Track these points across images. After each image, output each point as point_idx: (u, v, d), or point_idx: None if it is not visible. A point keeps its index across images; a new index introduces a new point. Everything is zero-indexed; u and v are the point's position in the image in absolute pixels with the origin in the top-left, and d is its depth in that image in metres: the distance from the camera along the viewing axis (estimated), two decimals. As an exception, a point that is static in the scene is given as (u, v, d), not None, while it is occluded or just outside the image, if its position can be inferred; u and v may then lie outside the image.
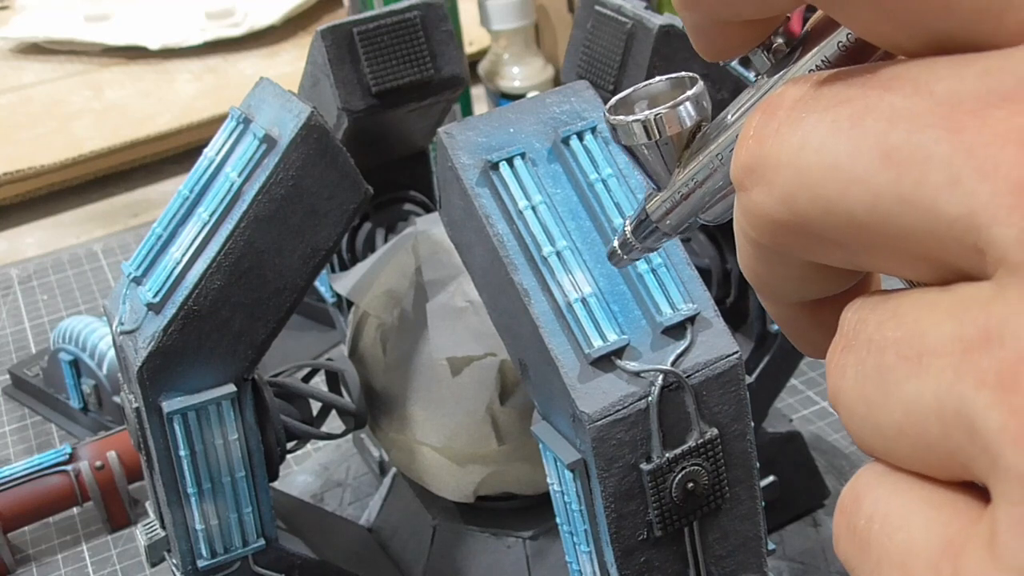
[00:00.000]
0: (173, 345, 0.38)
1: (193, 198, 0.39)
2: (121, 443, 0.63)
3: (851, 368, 0.16)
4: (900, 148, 0.14)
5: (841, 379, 0.16)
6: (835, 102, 0.16)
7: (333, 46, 0.48)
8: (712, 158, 0.20)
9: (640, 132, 0.21)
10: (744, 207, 0.17)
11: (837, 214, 0.15)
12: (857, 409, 0.16)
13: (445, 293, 0.46)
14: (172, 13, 1.38)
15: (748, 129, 0.17)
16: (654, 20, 0.44)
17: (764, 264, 0.18)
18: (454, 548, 0.50)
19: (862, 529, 0.16)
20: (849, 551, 0.16)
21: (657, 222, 0.23)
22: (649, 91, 0.22)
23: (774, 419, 0.55)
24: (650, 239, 0.24)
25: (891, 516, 0.16)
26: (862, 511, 0.16)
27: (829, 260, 0.17)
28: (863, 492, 0.16)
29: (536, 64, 1.02)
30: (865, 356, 0.16)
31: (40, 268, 0.94)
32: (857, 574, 0.16)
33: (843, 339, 0.17)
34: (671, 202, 0.22)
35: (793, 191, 0.16)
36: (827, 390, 0.17)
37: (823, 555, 0.54)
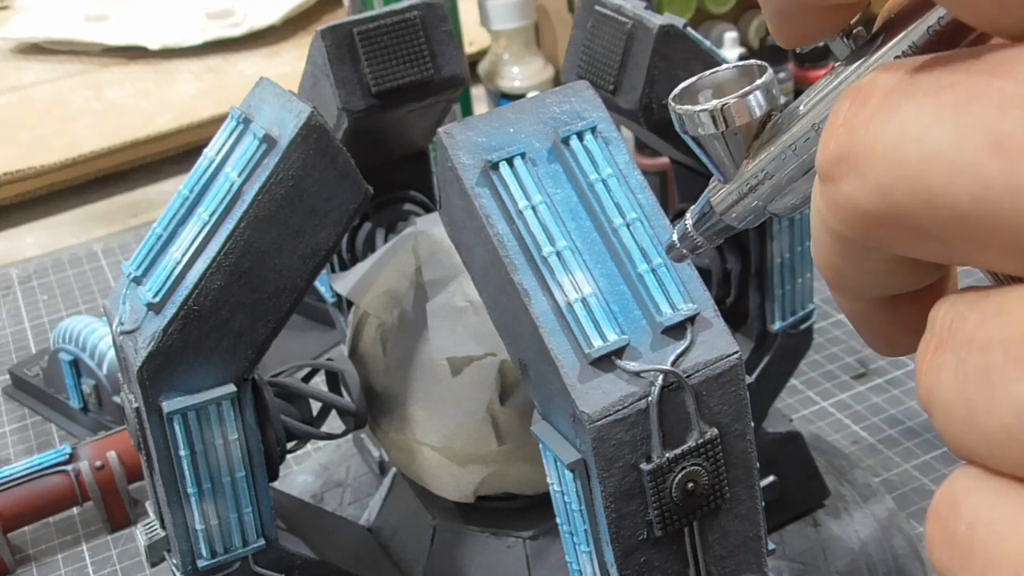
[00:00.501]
0: (173, 345, 0.38)
1: (193, 198, 0.39)
2: (121, 443, 0.63)
3: (949, 369, 0.15)
4: (1013, 136, 0.14)
5: (937, 380, 0.15)
6: (936, 88, 0.15)
7: (333, 46, 0.48)
8: (784, 148, 0.20)
9: (708, 122, 0.20)
10: (831, 199, 0.16)
11: (939, 206, 0.14)
12: (957, 411, 0.15)
13: (445, 293, 0.46)
14: (172, 13, 1.38)
15: (837, 117, 0.16)
16: (654, 20, 0.44)
17: (846, 258, 0.17)
18: (454, 548, 0.50)
19: (963, 536, 0.15)
20: (947, 559, 0.15)
21: (722, 214, 0.22)
22: (715, 79, 0.21)
23: (774, 419, 0.55)
24: (712, 232, 0.23)
25: (997, 523, 0.15)
26: (962, 517, 0.15)
27: (922, 254, 0.16)
28: (961, 497, 0.15)
29: (536, 64, 1.02)
30: (966, 356, 0.15)
31: (40, 268, 0.94)
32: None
33: (935, 338, 0.16)
34: (738, 194, 0.21)
35: (890, 182, 0.15)
36: (917, 391, 0.16)
37: (823, 555, 0.54)
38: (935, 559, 0.16)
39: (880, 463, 0.62)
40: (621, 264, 0.33)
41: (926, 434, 0.63)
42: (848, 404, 0.67)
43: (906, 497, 0.59)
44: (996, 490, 0.15)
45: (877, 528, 0.56)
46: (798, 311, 0.51)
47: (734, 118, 0.20)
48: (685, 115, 0.20)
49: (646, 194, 0.35)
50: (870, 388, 0.68)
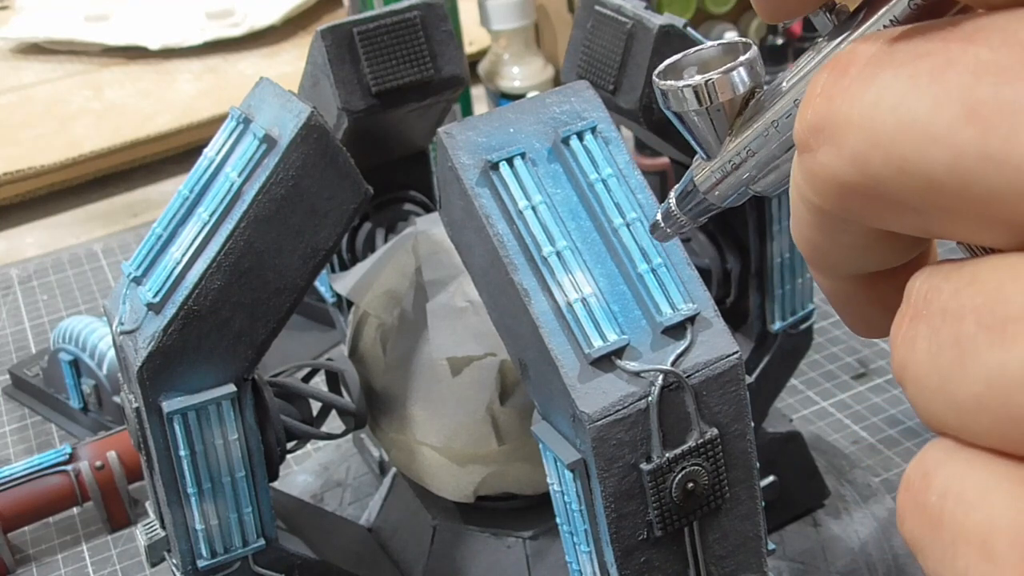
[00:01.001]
0: (173, 345, 0.38)
1: (193, 198, 0.39)
2: (121, 443, 0.63)
3: (922, 339, 0.15)
4: (987, 103, 0.13)
5: (910, 351, 0.15)
6: (912, 56, 0.15)
7: (333, 46, 0.48)
8: (767, 125, 0.20)
9: (691, 98, 0.20)
10: (808, 169, 0.16)
11: (913, 175, 0.14)
12: (929, 381, 0.15)
13: (445, 293, 0.46)
14: (172, 13, 1.38)
15: (815, 87, 0.16)
16: (654, 20, 0.44)
17: (824, 233, 0.17)
18: (454, 548, 0.50)
19: (933, 506, 0.15)
20: (917, 530, 0.15)
21: (705, 193, 0.22)
22: (700, 56, 0.21)
23: (774, 419, 0.55)
24: (696, 210, 0.23)
25: (967, 493, 0.15)
26: (932, 488, 0.15)
27: (899, 226, 0.16)
28: (932, 468, 0.15)
29: (536, 64, 1.02)
30: (940, 326, 0.15)
31: (40, 268, 0.94)
32: (927, 554, 0.15)
33: (911, 309, 0.16)
34: (721, 172, 0.21)
35: (865, 151, 0.15)
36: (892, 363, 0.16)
37: (823, 555, 0.54)
38: (905, 530, 0.16)
39: (880, 463, 0.62)
40: (621, 264, 0.33)
41: (926, 434, 0.63)
42: (848, 404, 0.67)
43: (906, 497, 0.59)
44: (967, 461, 0.15)
45: (877, 528, 0.56)
46: (798, 311, 0.52)
47: (717, 94, 0.20)
48: (669, 91, 0.20)
49: (646, 194, 0.35)
50: (870, 388, 0.68)
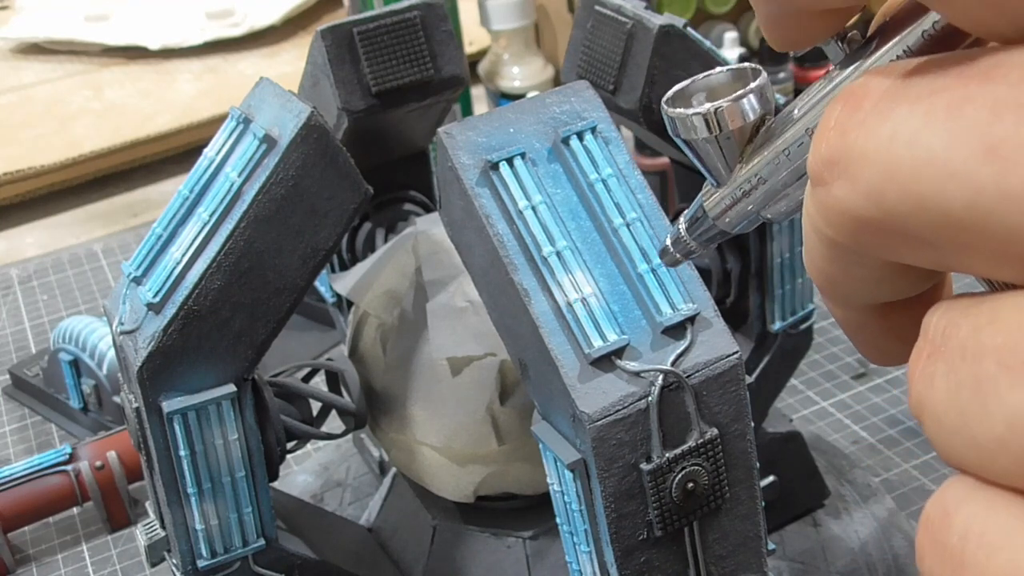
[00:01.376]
0: (173, 345, 0.38)
1: (193, 198, 0.39)
2: (121, 443, 0.63)
3: (941, 377, 0.15)
4: (1006, 141, 0.13)
5: (928, 388, 0.15)
6: (929, 91, 0.14)
7: (333, 46, 0.48)
8: (778, 153, 0.19)
9: (701, 126, 0.20)
10: (821, 203, 0.16)
11: (931, 211, 0.14)
12: (948, 420, 0.15)
13: (445, 293, 0.46)
14: (172, 13, 1.38)
15: (829, 120, 0.16)
16: (654, 20, 0.44)
17: (837, 265, 0.17)
18: (454, 548, 0.50)
19: (954, 547, 0.15)
20: (937, 571, 0.15)
21: (715, 219, 0.22)
22: (708, 83, 0.21)
23: (774, 419, 0.55)
24: (706, 237, 0.23)
25: (989, 534, 0.14)
26: (953, 528, 0.15)
27: (914, 260, 0.16)
28: (953, 507, 0.15)
29: (536, 64, 1.02)
30: (959, 364, 0.15)
31: (40, 268, 0.94)
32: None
33: (929, 345, 0.15)
34: (731, 199, 0.21)
35: (881, 186, 0.15)
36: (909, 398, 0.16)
37: (823, 555, 0.54)
38: (925, 569, 0.16)
39: (880, 463, 0.62)
40: (621, 264, 0.33)
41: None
42: (848, 404, 0.67)
43: (906, 497, 0.59)
44: (989, 500, 0.15)
45: (877, 528, 0.56)
46: (798, 311, 0.52)
47: (727, 122, 0.20)
48: (678, 119, 0.20)
49: (646, 194, 0.35)
50: (870, 388, 0.68)
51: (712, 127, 0.20)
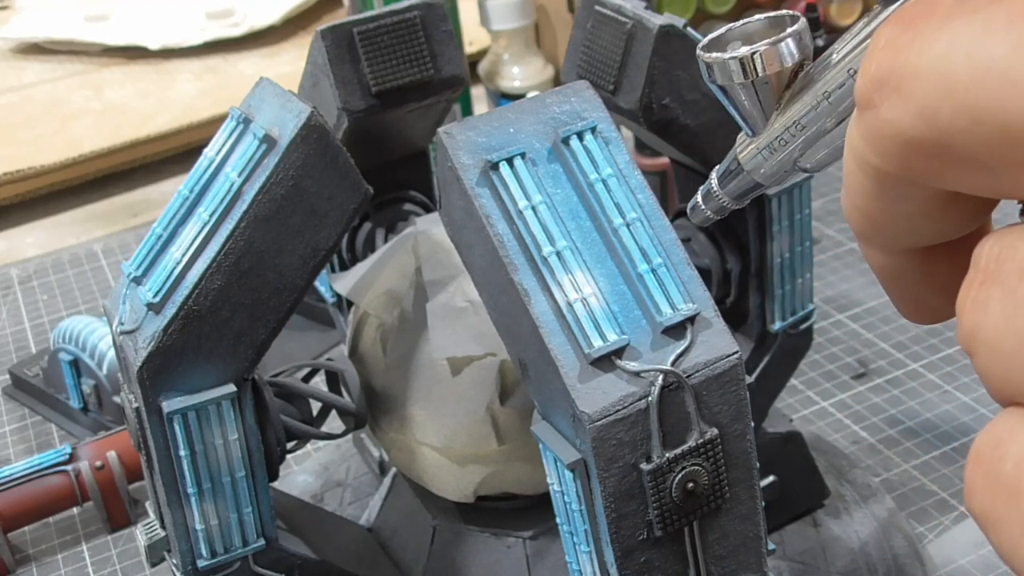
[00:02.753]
0: (173, 345, 0.38)
1: (193, 198, 0.39)
2: (121, 443, 0.63)
3: (996, 302, 0.14)
4: None
5: (983, 315, 0.15)
6: (987, 2, 0.14)
7: (333, 46, 0.48)
8: (818, 97, 0.19)
9: (737, 70, 0.19)
10: (870, 127, 0.15)
11: (988, 125, 0.14)
12: (1005, 344, 0.14)
13: (445, 293, 0.46)
14: (172, 13, 1.37)
15: (878, 41, 0.15)
16: (654, 20, 0.44)
17: (882, 200, 0.17)
18: (454, 548, 0.50)
19: (1009, 475, 0.14)
20: (989, 503, 0.15)
21: (751, 171, 0.21)
22: (745, 30, 0.20)
23: (774, 419, 0.55)
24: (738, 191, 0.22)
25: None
26: (1007, 457, 0.14)
27: (966, 185, 0.15)
28: (1007, 438, 0.15)
29: (536, 64, 1.02)
30: (1016, 285, 0.14)
31: (40, 268, 0.94)
32: (1002, 527, 0.15)
33: (980, 274, 0.15)
34: (769, 149, 0.20)
35: (935, 102, 0.14)
36: (959, 332, 0.15)
37: (823, 555, 0.54)
38: (975, 505, 0.15)
39: (880, 463, 0.62)
40: (621, 264, 0.33)
41: (926, 434, 0.63)
42: (848, 404, 0.67)
43: (906, 497, 0.59)
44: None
45: (877, 528, 0.56)
46: (798, 311, 0.52)
47: (764, 66, 0.19)
48: (715, 63, 0.19)
49: (646, 194, 0.35)
50: (870, 388, 0.68)
51: (749, 71, 0.19)
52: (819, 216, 0.87)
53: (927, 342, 0.71)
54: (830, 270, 0.80)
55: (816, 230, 0.84)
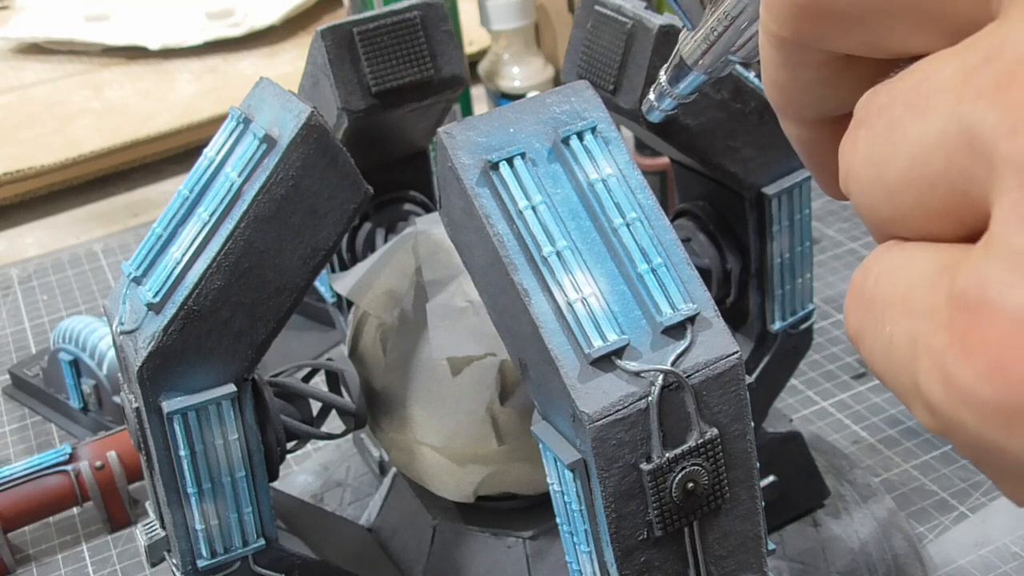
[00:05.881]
0: (173, 345, 0.38)
1: (193, 198, 0.39)
2: (121, 443, 0.63)
3: (862, 139, 0.16)
4: None
5: (852, 153, 0.17)
6: None
7: (333, 46, 0.48)
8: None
9: None
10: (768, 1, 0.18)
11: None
12: (866, 173, 0.16)
13: (445, 293, 0.46)
14: (172, 13, 1.38)
15: None
16: (654, 20, 0.44)
17: (786, 68, 0.19)
18: (454, 548, 0.50)
19: (869, 291, 0.16)
20: (856, 319, 0.17)
21: (692, 65, 0.23)
22: None
23: (774, 419, 0.55)
24: (683, 83, 0.24)
25: (895, 268, 0.16)
26: (869, 277, 0.16)
27: (849, 44, 0.17)
28: (871, 263, 0.16)
29: (536, 64, 1.02)
30: (875, 121, 0.16)
31: (40, 268, 0.94)
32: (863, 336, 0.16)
33: (854, 122, 0.17)
34: (705, 42, 0.22)
35: None
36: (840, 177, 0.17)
37: (823, 555, 0.54)
38: (850, 329, 0.17)
39: (880, 463, 0.62)
40: (621, 264, 0.33)
41: (926, 434, 0.63)
42: (848, 404, 0.67)
43: (906, 497, 0.59)
44: (900, 248, 0.16)
45: (877, 528, 0.56)
46: (798, 311, 0.52)
47: None
48: None
49: (646, 194, 0.35)
50: (870, 388, 0.68)
51: None
52: (819, 216, 0.87)
53: (927, 342, 0.71)
54: (830, 270, 0.80)
55: (816, 230, 0.84)
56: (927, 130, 0.15)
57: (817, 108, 0.19)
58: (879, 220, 0.16)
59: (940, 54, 0.15)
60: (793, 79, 0.19)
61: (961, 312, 0.14)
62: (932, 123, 0.15)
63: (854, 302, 0.17)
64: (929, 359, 0.14)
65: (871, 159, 0.16)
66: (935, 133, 0.14)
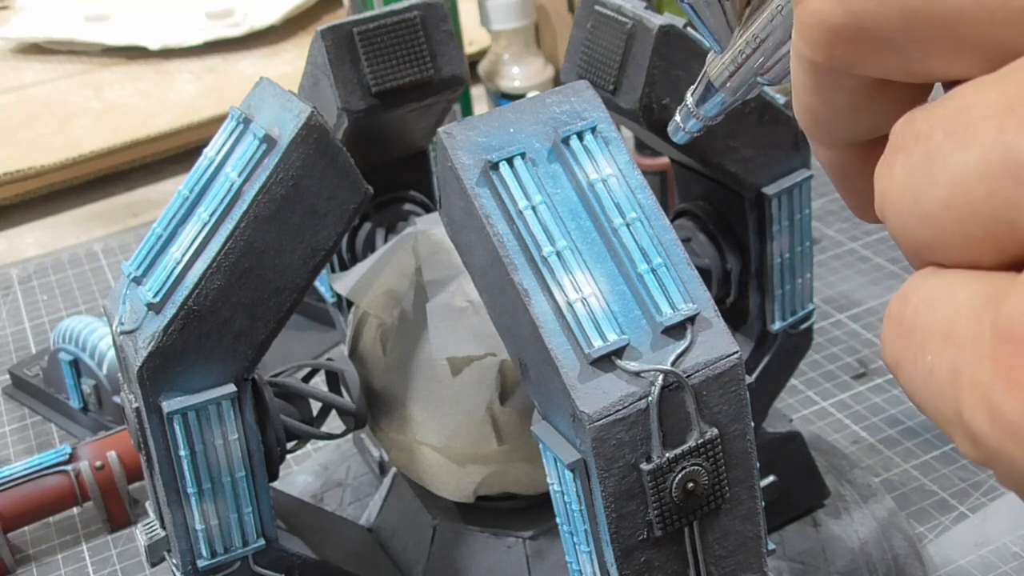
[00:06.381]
0: (173, 345, 0.38)
1: (193, 198, 0.39)
2: (121, 443, 0.63)
3: (899, 165, 0.16)
4: None
5: (888, 180, 0.16)
6: None
7: (333, 46, 0.48)
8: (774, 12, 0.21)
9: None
10: (801, 21, 0.17)
11: (890, 5, 0.16)
12: (904, 201, 0.16)
13: (445, 293, 0.46)
14: (172, 13, 1.37)
15: None
16: (654, 20, 0.44)
17: (819, 94, 0.18)
18: (454, 548, 0.50)
19: (908, 320, 0.16)
20: (894, 348, 0.16)
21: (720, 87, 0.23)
22: None
23: (774, 419, 0.55)
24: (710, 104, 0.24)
25: (935, 297, 0.15)
26: (908, 306, 0.16)
27: (883, 69, 0.17)
28: (910, 292, 0.16)
29: (536, 64, 1.02)
30: (913, 147, 0.16)
31: (40, 268, 0.94)
32: (902, 367, 0.16)
33: (890, 148, 0.17)
34: (733, 63, 0.22)
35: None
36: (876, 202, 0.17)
37: (823, 555, 0.54)
38: (887, 357, 0.17)
39: (880, 463, 0.62)
40: (621, 264, 0.33)
41: (926, 434, 0.63)
42: (848, 404, 0.67)
43: (906, 497, 0.59)
44: (939, 276, 0.16)
45: (877, 528, 0.56)
46: (798, 311, 0.52)
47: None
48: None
49: (646, 194, 0.35)
50: (870, 388, 0.68)
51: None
52: (819, 216, 0.87)
53: (927, 342, 0.71)
54: (830, 270, 0.80)
55: (816, 230, 0.84)
56: (968, 159, 0.14)
57: (849, 132, 0.19)
58: (916, 247, 0.16)
59: (980, 81, 0.15)
60: (825, 103, 0.19)
61: (1007, 344, 0.14)
62: (973, 152, 0.14)
63: (892, 330, 0.16)
64: (973, 391, 0.14)
65: (909, 186, 0.16)
66: (977, 162, 0.14)
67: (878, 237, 0.83)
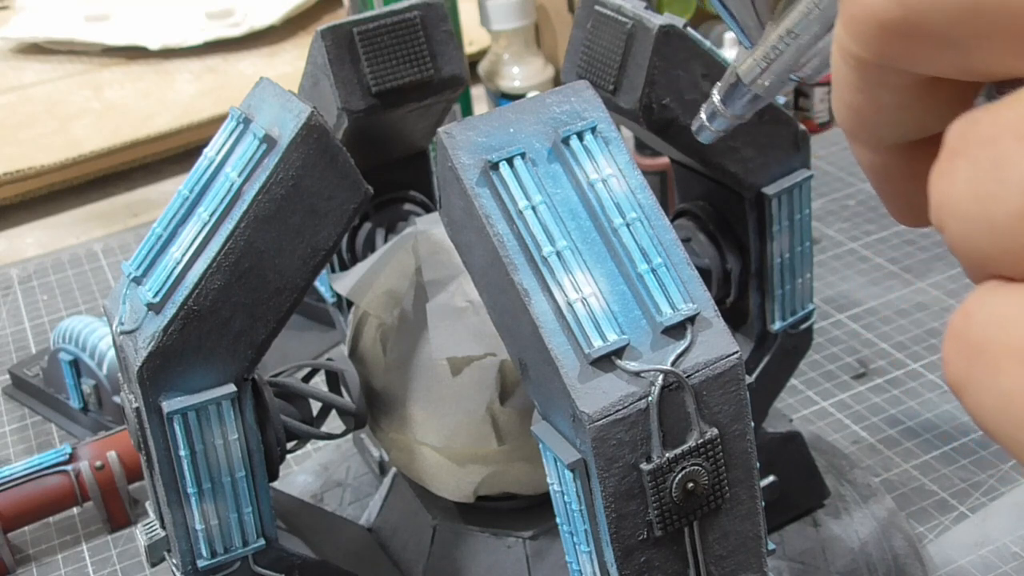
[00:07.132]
0: (173, 345, 0.38)
1: (193, 198, 0.39)
2: (121, 443, 0.63)
3: (962, 171, 0.15)
4: None
5: (950, 186, 0.15)
6: None
7: (333, 46, 0.48)
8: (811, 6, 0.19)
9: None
10: (849, 15, 0.16)
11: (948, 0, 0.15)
12: (969, 210, 0.15)
13: (445, 293, 0.46)
14: (172, 13, 1.38)
15: None
16: (654, 20, 0.44)
17: (865, 92, 0.17)
18: (454, 548, 0.50)
19: (975, 337, 0.15)
20: (960, 368, 0.15)
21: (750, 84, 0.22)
22: None
23: (774, 419, 0.55)
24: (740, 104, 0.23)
25: (1009, 315, 0.15)
26: (974, 323, 0.15)
27: (938, 66, 0.16)
28: (975, 309, 0.15)
29: (536, 64, 1.02)
30: (977, 152, 0.15)
31: (40, 268, 0.94)
32: (969, 387, 0.15)
33: (948, 151, 0.16)
34: (765, 60, 0.21)
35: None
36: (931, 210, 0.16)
37: (823, 555, 0.54)
38: (950, 377, 0.16)
39: (880, 463, 0.62)
40: (621, 264, 0.33)
41: (926, 434, 0.63)
42: (848, 404, 0.67)
43: (906, 497, 0.59)
44: (1007, 291, 0.15)
45: (877, 528, 0.56)
46: (798, 311, 0.52)
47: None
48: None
49: (646, 194, 0.35)
50: (870, 388, 0.68)
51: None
52: (819, 216, 0.87)
53: (927, 342, 0.71)
54: (830, 270, 0.80)
55: (816, 230, 0.84)
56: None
57: (895, 133, 0.18)
58: (980, 258, 0.15)
59: None
60: (870, 102, 0.18)
61: None
62: None
63: (955, 349, 0.15)
64: None
65: (975, 194, 0.15)
66: None
67: (878, 237, 0.83)
